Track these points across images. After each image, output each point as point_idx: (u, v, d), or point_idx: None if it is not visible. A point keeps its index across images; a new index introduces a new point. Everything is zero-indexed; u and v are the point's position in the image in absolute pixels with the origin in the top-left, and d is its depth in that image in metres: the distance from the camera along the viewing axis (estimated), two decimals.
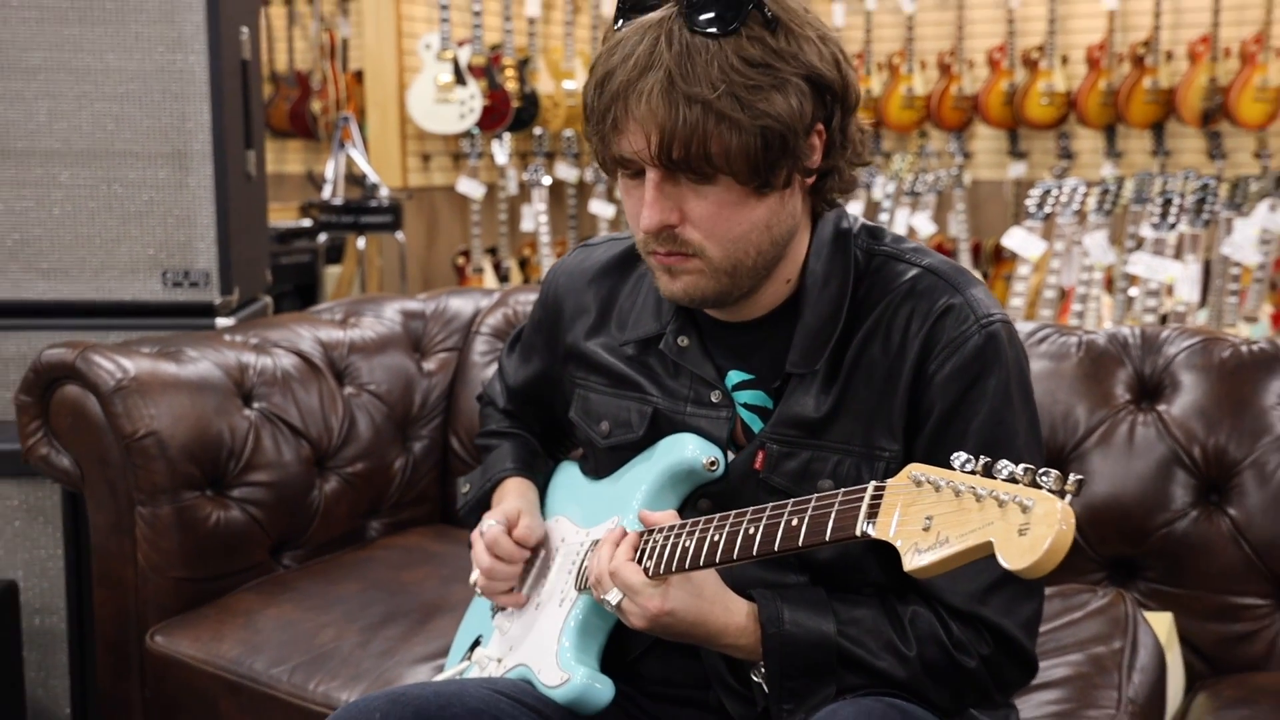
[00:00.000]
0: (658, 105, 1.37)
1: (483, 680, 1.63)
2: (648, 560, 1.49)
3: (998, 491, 1.15)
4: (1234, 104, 6.00)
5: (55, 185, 2.70)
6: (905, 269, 1.58)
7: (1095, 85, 6.22)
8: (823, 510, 1.33)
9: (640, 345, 1.67)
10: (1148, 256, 4.05)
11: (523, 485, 1.83)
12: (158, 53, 2.68)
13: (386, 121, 5.81)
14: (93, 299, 2.73)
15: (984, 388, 1.52)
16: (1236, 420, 2.15)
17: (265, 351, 2.46)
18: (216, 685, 2.08)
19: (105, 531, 2.25)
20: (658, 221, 1.44)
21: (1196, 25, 6.16)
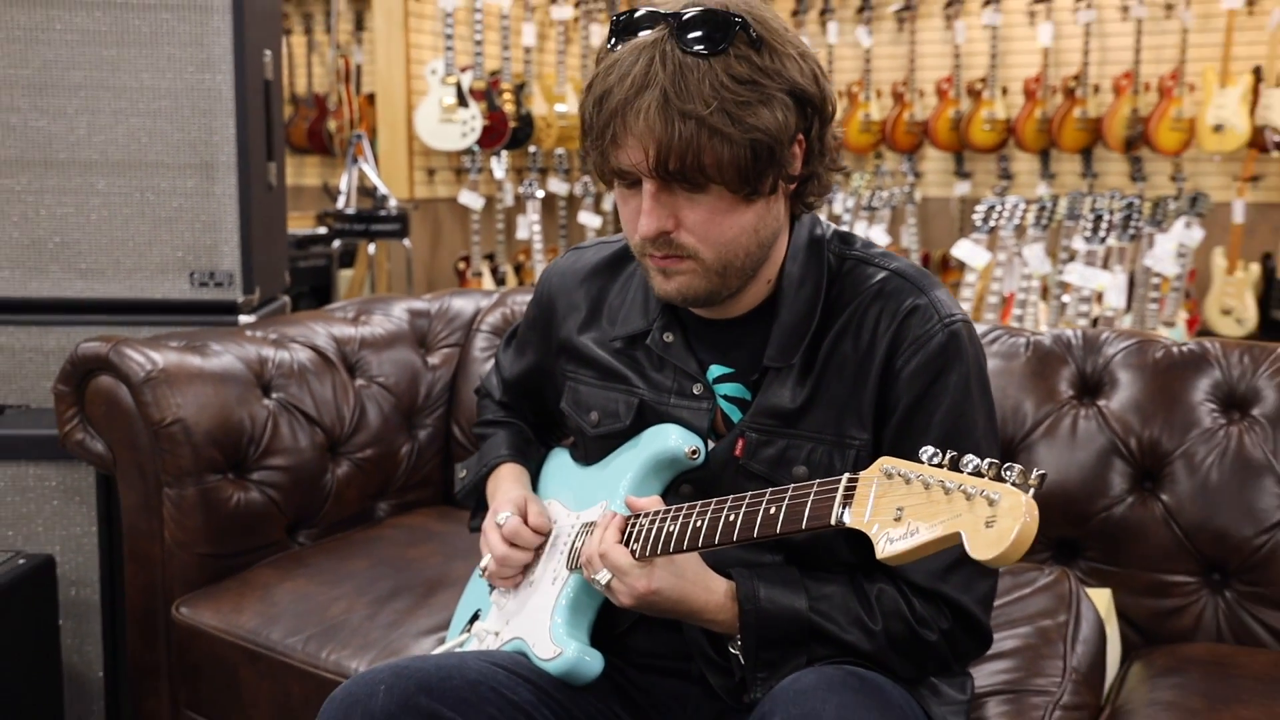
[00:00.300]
0: (655, 121, 1.33)
1: (481, 653, 1.57)
2: (634, 543, 1.45)
3: (965, 485, 1.10)
4: (1153, 132, 6.01)
5: (93, 193, 2.64)
6: (874, 272, 1.55)
7: (1031, 114, 6.21)
8: (799, 499, 1.30)
9: (628, 340, 1.63)
10: (1081, 266, 4.02)
11: (517, 471, 1.78)
12: (188, 73, 2.62)
13: (395, 139, 5.77)
14: (126, 297, 2.66)
15: (946, 382, 1.49)
16: (1168, 415, 2.12)
17: (283, 346, 2.40)
18: (236, 653, 2.02)
19: (135, 511, 2.19)
20: (655, 228, 1.40)
21: (1120, 62, 6.17)
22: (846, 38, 6.62)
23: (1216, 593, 2.06)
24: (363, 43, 6.64)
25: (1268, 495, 2.04)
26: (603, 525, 1.48)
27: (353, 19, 6.75)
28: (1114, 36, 6.22)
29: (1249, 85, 5.85)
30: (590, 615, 1.61)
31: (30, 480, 2.40)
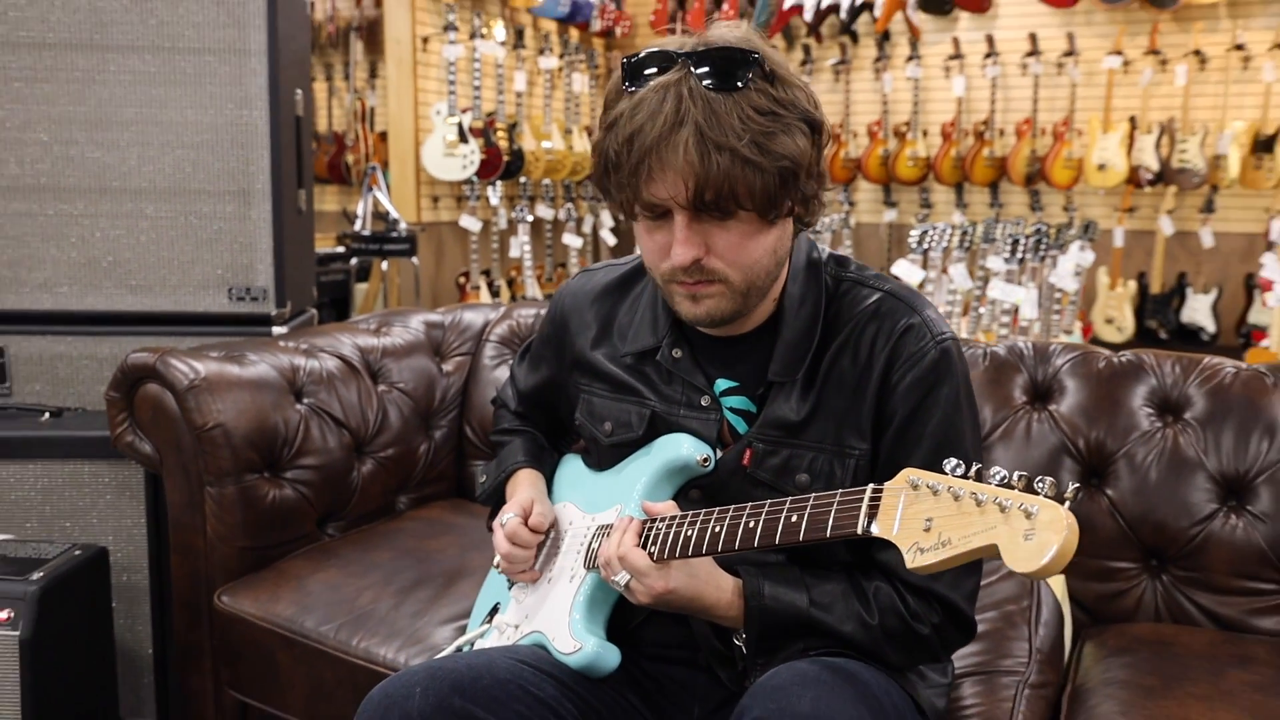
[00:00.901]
0: (693, 155, 1.17)
1: (506, 650, 1.40)
2: (652, 545, 1.29)
3: (999, 498, 0.94)
4: (1049, 170, 5.92)
5: (142, 217, 2.44)
6: (869, 293, 1.39)
7: (948, 153, 6.10)
8: (822, 508, 1.14)
9: (638, 356, 1.46)
10: (1002, 283, 3.89)
11: (532, 476, 1.61)
12: (228, 109, 2.42)
13: (405, 170, 5.58)
14: (171, 310, 2.47)
15: (938, 396, 1.34)
16: (1112, 418, 1.98)
17: (313, 355, 2.21)
18: (273, 639, 1.84)
19: (180, 507, 2.00)
20: (692, 257, 1.24)
21: (1021, 110, 6.08)
22: None
23: (1155, 577, 1.93)
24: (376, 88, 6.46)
25: (1199, 491, 1.91)
26: (620, 529, 1.32)
27: (368, 67, 6.55)
28: (1015, 89, 6.12)
29: (1126, 131, 5.80)
30: (606, 611, 1.45)
31: (86, 477, 2.20)
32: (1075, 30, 5.96)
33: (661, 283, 1.32)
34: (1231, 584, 1.87)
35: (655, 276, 1.33)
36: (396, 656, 1.73)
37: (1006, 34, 6.10)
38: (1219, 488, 1.90)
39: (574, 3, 6.18)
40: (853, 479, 1.36)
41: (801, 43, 6.41)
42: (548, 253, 6.31)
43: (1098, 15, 5.94)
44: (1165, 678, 1.65)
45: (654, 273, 1.32)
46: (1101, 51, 5.92)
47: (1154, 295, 5.89)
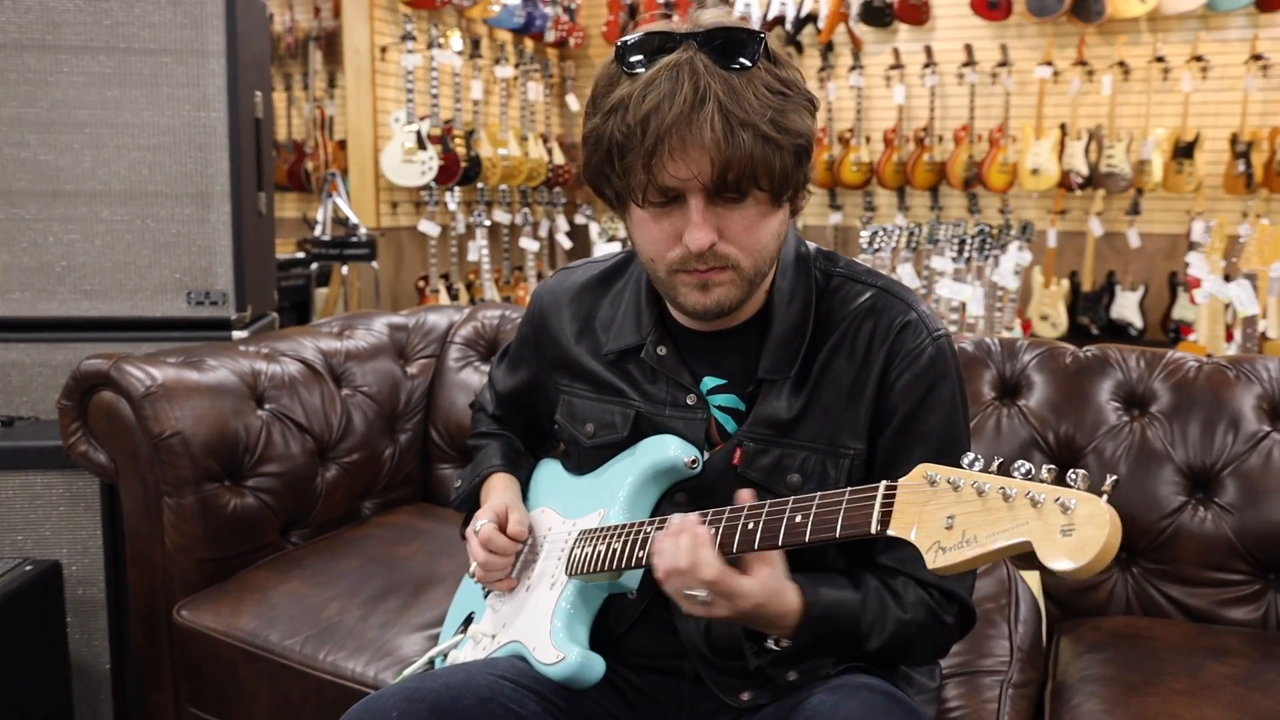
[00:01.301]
0: (719, 133, 1.06)
1: (485, 664, 1.27)
2: (640, 550, 1.20)
3: (1031, 491, 0.82)
4: (985, 174, 5.89)
5: (97, 221, 2.27)
6: (862, 289, 1.28)
7: (890, 158, 6.05)
8: (829, 508, 1.02)
9: (621, 354, 1.33)
10: (950, 282, 3.81)
11: (507, 480, 1.48)
12: (185, 110, 2.26)
13: (364, 177, 5.41)
14: (128, 315, 2.30)
15: (939, 394, 1.23)
16: (1080, 413, 1.89)
17: (275, 360, 2.05)
18: (236, 654, 1.68)
19: (136, 518, 1.83)
20: (709, 240, 1.12)
21: (958, 118, 6.05)
22: None
23: (1125, 570, 1.84)
24: (335, 97, 6.26)
25: (1167, 484, 1.83)
26: (675, 532, 1.13)
27: (327, 77, 6.35)
28: (953, 97, 6.09)
29: (1057, 138, 5.79)
30: (589, 618, 1.32)
31: (39, 488, 2.02)
32: (1008, 42, 5.94)
33: (665, 274, 1.19)
34: (1201, 575, 1.79)
35: (657, 269, 1.20)
36: (366, 670, 1.59)
37: (944, 45, 6.06)
38: (1187, 480, 1.82)
39: (529, 14, 6.03)
40: (846, 480, 1.25)
41: None
42: (505, 256, 6.16)
43: (1029, 28, 5.93)
44: (1145, 673, 1.56)
45: (656, 265, 1.20)
46: (1033, 62, 5.90)
47: (1085, 293, 5.88)
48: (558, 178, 6.29)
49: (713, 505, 1.29)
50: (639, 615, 1.33)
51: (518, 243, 6.01)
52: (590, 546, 1.28)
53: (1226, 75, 5.61)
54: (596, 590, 1.33)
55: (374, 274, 5.14)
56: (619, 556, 1.23)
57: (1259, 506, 1.77)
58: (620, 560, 1.22)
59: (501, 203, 5.90)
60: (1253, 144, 5.50)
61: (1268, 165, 5.48)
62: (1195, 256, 4.81)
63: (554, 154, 6.29)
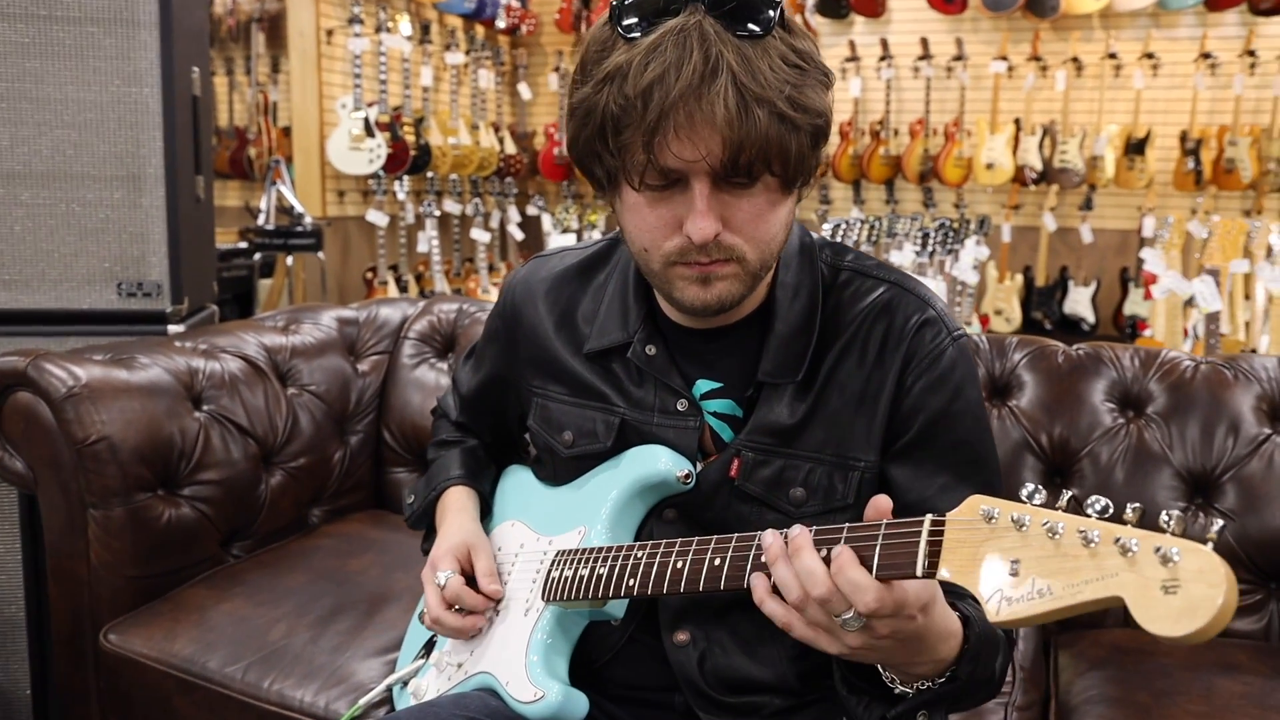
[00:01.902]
0: (732, 110, 0.91)
1: (453, 703, 1.11)
2: (584, 566, 1.10)
3: (1122, 537, 0.69)
4: (941, 168, 5.83)
5: (16, 204, 2.06)
6: (874, 285, 1.14)
7: (846, 151, 5.96)
8: (863, 543, 0.87)
9: (605, 353, 1.18)
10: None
11: (464, 496, 1.31)
12: (114, 85, 2.06)
13: (310, 165, 5.18)
14: (53, 308, 2.09)
15: (963, 401, 1.10)
16: (1074, 415, 1.78)
17: (213, 357, 1.87)
18: (170, 683, 1.51)
19: (58, 531, 1.64)
20: (714, 230, 0.97)
21: (914, 111, 5.98)
22: None
23: None
24: (279, 82, 6.02)
25: (1166, 489, 1.73)
26: (802, 547, 0.89)
27: (270, 61, 6.11)
28: (909, 90, 6.01)
29: (1012, 133, 5.75)
30: (568, 650, 1.17)
31: None
32: (963, 36, 5.87)
33: (660, 266, 1.04)
34: None
35: (650, 260, 1.04)
36: (316, 700, 1.43)
37: (899, 38, 5.98)
38: (1186, 485, 1.72)
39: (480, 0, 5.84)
40: (855, 495, 1.11)
41: None
42: (455, 248, 5.97)
43: (984, 22, 5.87)
44: (1155, 692, 1.45)
45: (650, 255, 1.04)
46: (988, 57, 5.85)
47: (1039, 288, 5.84)
48: (509, 168, 6.10)
49: (708, 522, 1.15)
50: (623, 643, 1.19)
51: (468, 234, 5.82)
52: (570, 569, 1.14)
53: (1176, 73, 5.60)
54: (576, 617, 1.18)
55: (320, 265, 4.93)
56: (604, 584, 1.08)
57: (1260, 512, 1.68)
58: (606, 589, 1.08)
59: (452, 193, 5.71)
60: (1201, 141, 5.49)
61: (1215, 163, 5.48)
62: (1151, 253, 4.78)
63: (505, 143, 6.11)
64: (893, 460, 1.11)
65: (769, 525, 1.13)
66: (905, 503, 1.11)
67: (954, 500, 1.10)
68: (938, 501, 1.09)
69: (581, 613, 1.17)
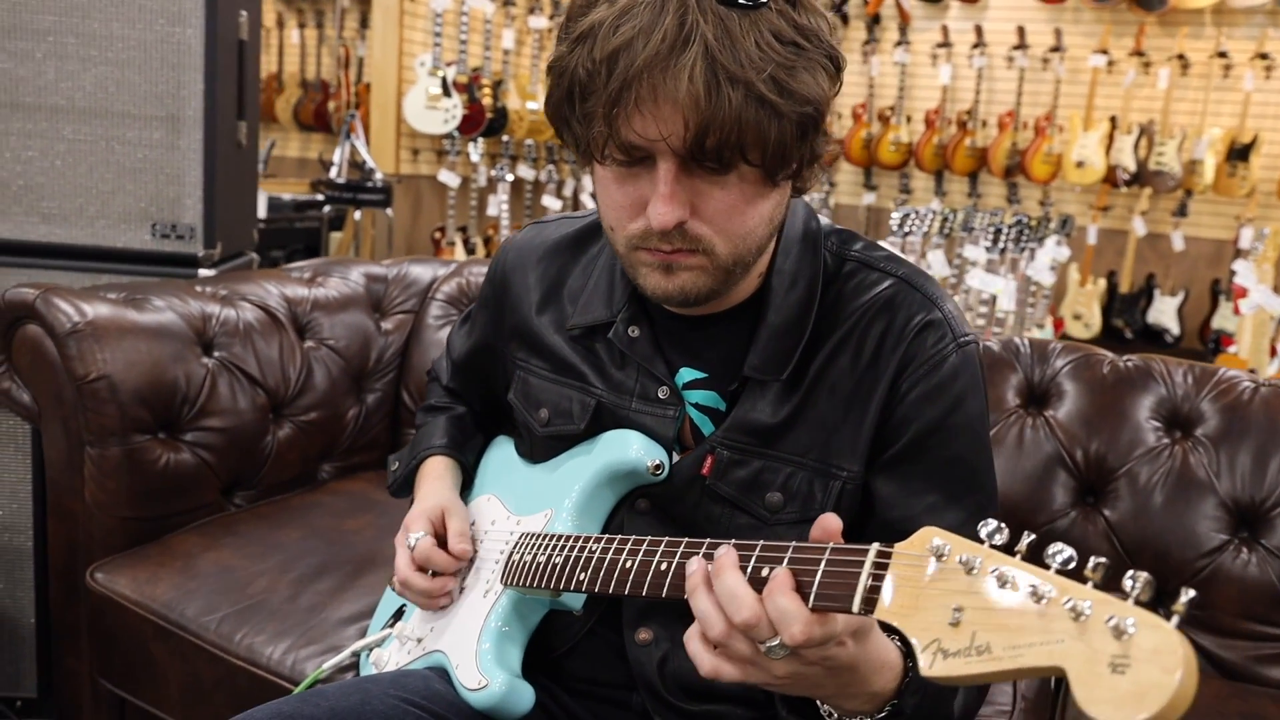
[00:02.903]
0: (699, 87, 0.81)
1: (392, 681, 1.05)
2: (527, 552, 1.04)
3: (1075, 599, 0.58)
4: (1028, 163, 5.58)
5: (59, 139, 2.06)
6: (879, 278, 1.04)
7: (930, 140, 5.75)
8: (805, 566, 0.76)
9: (587, 331, 1.10)
10: (981, 273, 3.55)
11: (444, 466, 1.25)
12: (159, 24, 2.04)
13: (386, 121, 5.19)
14: (88, 244, 2.09)
15: (962, 414, 0.99)
16: (1114, 430, 1.65)
17: (231, 304, 1.85)
18: (148, 628, 1.49)
19: (58, 467, 1.64)
20: (676, 217, 0.88)
21: (1004, 103, 5.73)
22: None
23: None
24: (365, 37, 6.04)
25: (1208, 519, 1.59)
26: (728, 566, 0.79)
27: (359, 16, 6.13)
28: (1001, 80, 5.77)
29: (1106, 130, 5.47)
30: (523, 638, 1.11)
31: None
32: (1063, 27, 5.61)
33: (625, 248, 0.96)
34: (1239, 626, 1.56)
35: (615, 240, 0.97)
36: (284, 658, 1.39)
37: (995, 25, 5.73)
38: (1231, 517, 1.58)
39: None
40: (834, 506, 1.02)
41: None
42: (526, 213, 5.94)
43: (1086, 14, 5.59)
44: None
45: (615, 234, 0.96)
46: (1087, 49, 5.58)
47: (1122, 294, 5.58)
48: None
49: (679, 519, 1.07)
50: (583, 635, 1.12)
51: (540, 200, 5.78)
52: (530, 554, 1.07)
53: None
54: (536, 605, 1.11)
55: (388, 221, 4.94)
56: (557, 574, 1.01)
57: None
58: (558, 580, 1.01)
59: (526, 158, 5.66)
60: None
61: None
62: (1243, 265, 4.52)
63: None
64: (879, 472, 1.02)
65: (740, 529, 1.05)
66: (887, 520, 1.02)
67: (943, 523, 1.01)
68: (923, 522, 0.99)
69: (541, 600, 1.11)
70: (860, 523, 1.04)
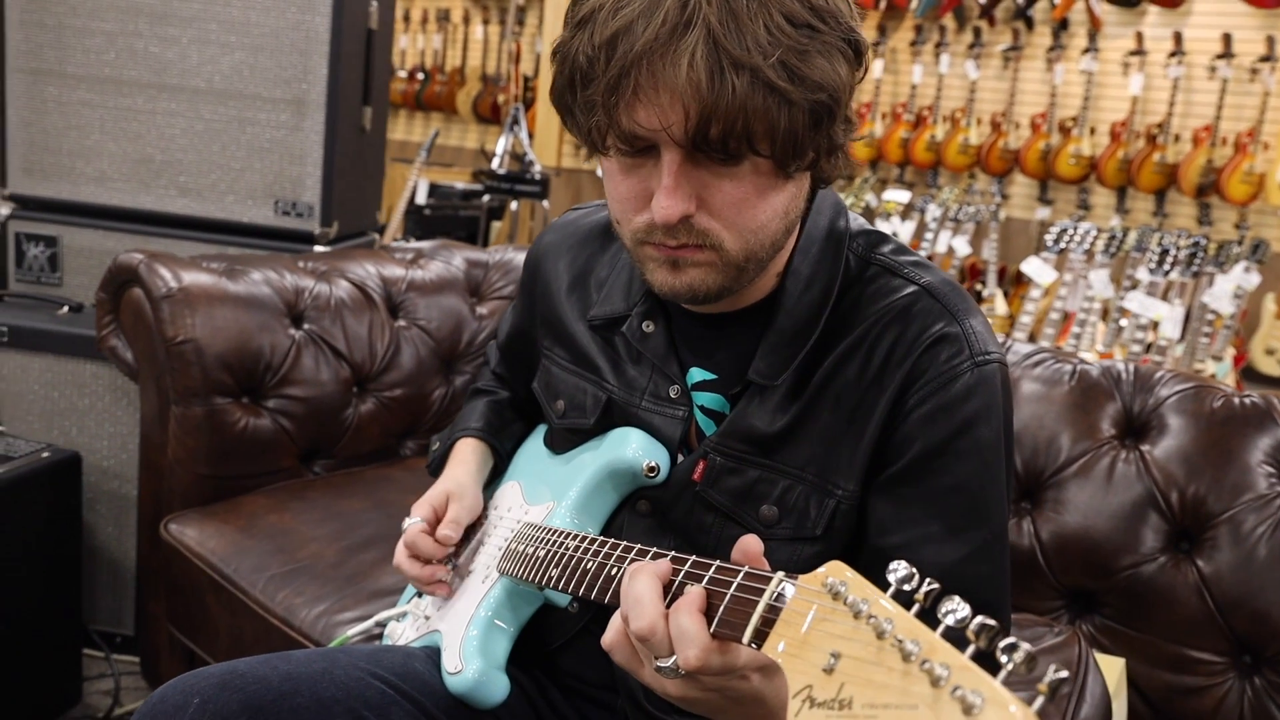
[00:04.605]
0: (700, 74, 0.77)
1: (366, 656, 1.05)
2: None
3: (936, 662, 0.51)
4: (1224, 183, 5.13)
5: (198, 119, 2.20)
6: (900, 285, 0.95)
7: (1114, 154, 5.38)
8: (719, 588, 0.72)
9: (607, 324, 1.06)
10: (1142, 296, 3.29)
11: (472, 449, 1.23)
12: (290, 12, 2.14)
13: (552, 115, 5.28)
14: (219, 217, 2.22)
15: (976, 437, 0.90)
16: (1219, 472, 1.48)
17: (327, 280, 1.91)
18: (203, 580, 1.56)
19: (149, 422, 1.74)
20: (680, 211, 0.83)
21: (1202, 116, 5.28)
22: (956, 69, 5.84)
23: (1245, 678, 1.43)
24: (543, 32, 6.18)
25: None
26: (649, 574, 0.76)
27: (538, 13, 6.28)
28: (1199, 93, 5.33)
29: None
30: (514, 630, 1.08)
31: (87, 377, 1.97)
32: (1277, 34, 5.13)
33: (631, 242, 0.92)
34: None
35: (623, 234, 0.93)
36: (316, 621, 1.42)
37: (1197, 33, 5.30)
38: None
39: None
40: (825, 528, 0.95)
41: (973, 24, 5.76)
42: None
43: None
44: None
45: (622, 228, 0.93)
46: None
47: None
48: None
49: (674, 525, 1.03)
50: (577, 631, 1.09)
51: None
52: (524, 544, 1.05)
53: None
54: (530, 596, 1.09)
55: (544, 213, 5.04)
56: (539, 568, 0.98)
57: None
58: (536, 573, 0.99)
59: None
60: None
61: None
62: None
63: None
64: (876, 493, 0.94)
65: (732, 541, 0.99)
66: (880, 547, 0.94)
67: (940, 557, 0.92)
68: (920, 553, 0.91)
69: (534, 593, 1.09)
70: (856, 549, 0.97)
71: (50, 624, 1.81)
